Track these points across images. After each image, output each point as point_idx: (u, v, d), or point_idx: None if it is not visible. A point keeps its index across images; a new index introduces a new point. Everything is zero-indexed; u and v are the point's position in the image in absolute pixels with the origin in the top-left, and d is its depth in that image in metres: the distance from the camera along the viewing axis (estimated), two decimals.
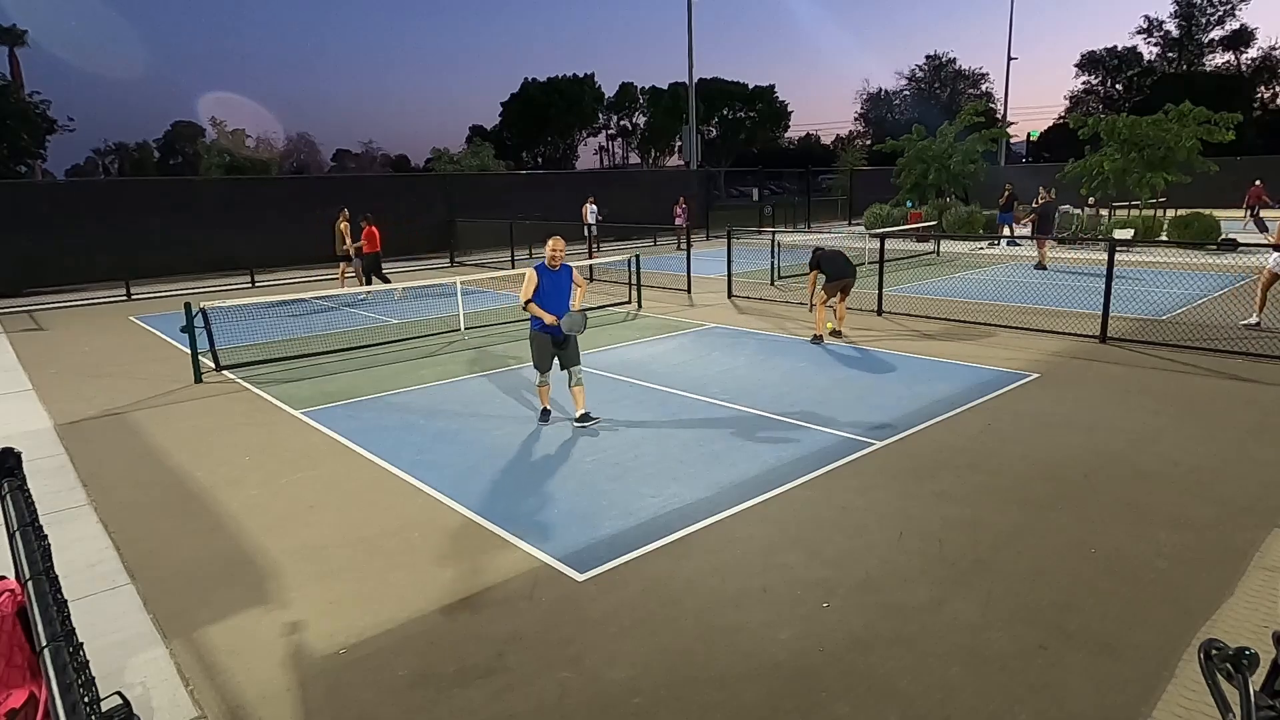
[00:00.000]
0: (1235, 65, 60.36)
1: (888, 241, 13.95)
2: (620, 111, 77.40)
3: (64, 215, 18.42)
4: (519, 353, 10.42)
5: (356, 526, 5.26)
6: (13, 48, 40.23)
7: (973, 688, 3.45)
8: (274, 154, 47.40)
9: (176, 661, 3.83)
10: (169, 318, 13.85)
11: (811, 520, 5.13)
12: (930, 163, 25.69)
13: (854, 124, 78.99)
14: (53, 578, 1.53)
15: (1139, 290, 13.61)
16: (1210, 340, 9.74)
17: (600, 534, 5.01)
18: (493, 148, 45.01)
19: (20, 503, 1.74)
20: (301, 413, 7.94)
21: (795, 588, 4.32)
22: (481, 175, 33.43)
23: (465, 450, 6.69)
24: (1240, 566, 4.38)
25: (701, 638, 3.89)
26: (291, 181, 31.55)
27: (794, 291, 14.96)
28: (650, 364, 9.46)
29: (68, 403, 8.63)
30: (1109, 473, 5.77)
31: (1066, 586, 4.24)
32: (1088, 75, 67.38)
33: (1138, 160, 21.06)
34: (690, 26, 31.84)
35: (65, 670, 1.23)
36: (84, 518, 5.56)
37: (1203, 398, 7.59)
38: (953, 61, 73.20)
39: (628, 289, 14.34)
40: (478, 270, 20.28)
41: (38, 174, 40.37)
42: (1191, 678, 3.44)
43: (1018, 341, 10.16)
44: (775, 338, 11.01)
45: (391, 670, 3.71)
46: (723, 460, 6.20)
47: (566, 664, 3.71)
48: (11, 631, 1.70)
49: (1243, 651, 1.16)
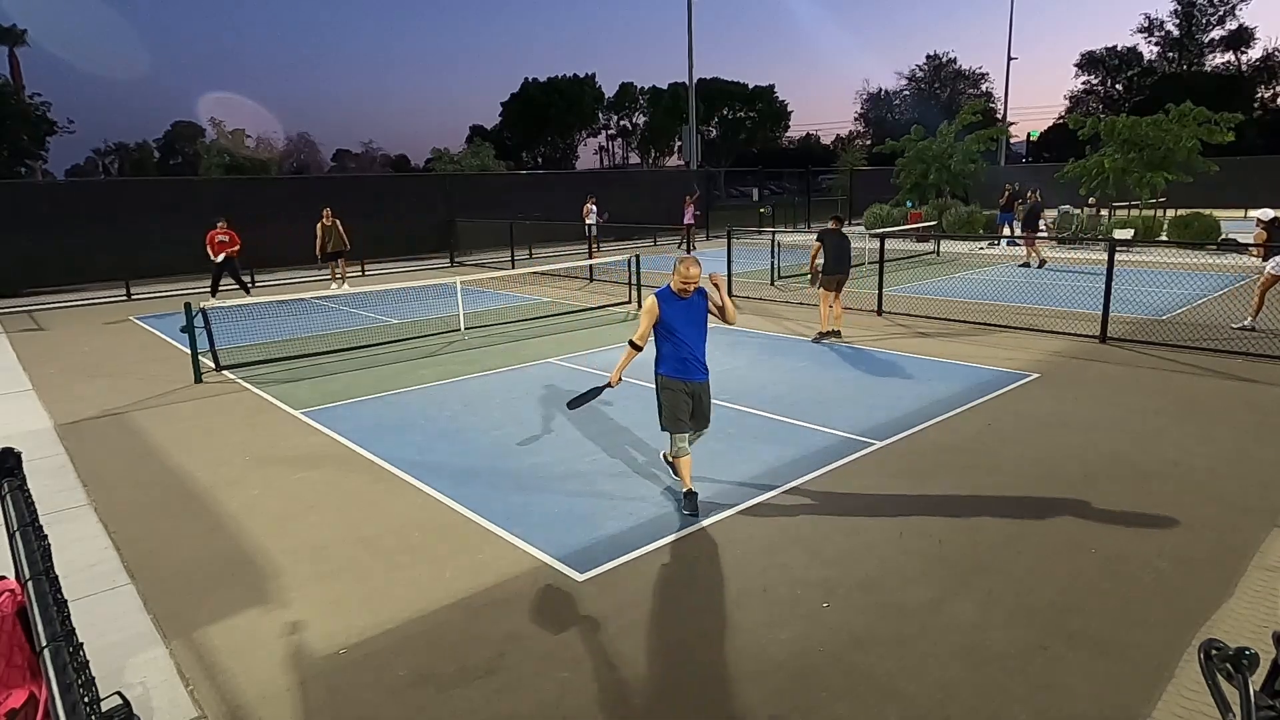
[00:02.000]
0: (1235, 65, 60.37)
1: (888, 241, 13.95)
2: (620, 111, 77.41)
3: (64, 215, 18.41)
4: (519, 353, 10.43)
5: (356, 526, 5.26)
6: (13, 48, 40.22)
7: (973, 688, 3.45)
8: (274, 154, 47.42)
9: (176, 661, 3.82)
10: (169, 318, 13.86)
11: (811, 520, 5.13)
12: (930, 163, 25.69)
13: (854, 124, 79.11)
14: (53, 578, 1.53)
15: (1138, 291, 13.60)
16: (1210, 340, 9.74)
17: (600, 534, 5.01)
18: (493, 148, 45.03)
19: (20, 503, 1.74)
20: (301, 413, 7.94)
21: (795, 588, 4.31)
22: (481, 175, 33.44)
23: (465, 450, 6.69)
24: (1240, 566, 4.38)
25: (701, 638, 3.89)
26: (291, 181, 31.57)
27: (794, 291, 14.97)
28: (650, 364, 9.43)
29: (68, 403, 8.63)
30: (1109, 473, 5.77)
31: (1066, 586, 4.24)
32: (1088, 75, 67.43)
33: (1137, 160, 21.07)
34: (690, 26, 31.82)
35: (65, 670, 1.23)
36: (84, 518, 5.56)
37: (1203, 398, 7.59)
38: (953, 61, 73.33)
39: (628, 289, 14.34)
40: (478, 270, 20.28)
41: (38, 174, 40.36)
42: (1191, 678, 3.44)
43: (1018, 341, 10.16)
44: (775, 338, 11.01)
45: (391, 670, 3.71)
46: (723, 460, 6.20)
47: (566, 664, 3.71)
48: (11, 631, 1.70)
49: (1243, 651, 1.16)
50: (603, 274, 17.33)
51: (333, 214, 17.36)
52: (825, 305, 10.56)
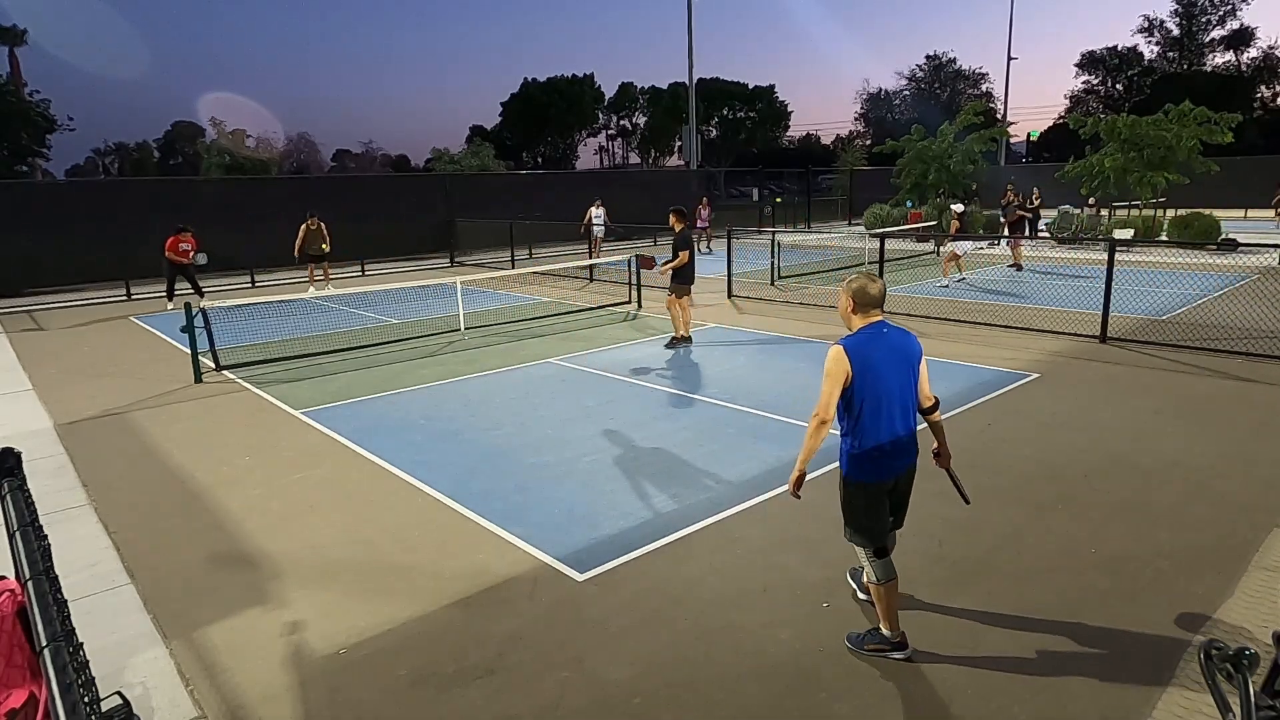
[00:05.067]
0: (1236, 65, 60.38)
1: (888, 241, 13.95)
2: (620, 111, 77.44)
3: (64, 215, 18.40)
4: (519, 353, 10.43)
5: (356, 526, 5.26)
6: (13, 48, 40.23)
7: (973, 688, 3.45)
8: (274, 154, 47.37)
9: (176, 661, 3.82)
10: (169, 317, 13.85)
11: (811, 520, 5.13)
12: (930, 163, 25.70)
13: (854, 124, 79.08)
14: (53, 578, 1.53)
15: (1138, 291, 13.60)
16: (1210, 340, 9.74)
17: (600, 534, 5.01)
18: (493, 148, 45.03)
19: (20, 503, 1.75)
20: (301, 413, 7.94)
21: (795, 588, 4.31)
22: (481, 175, 33.43)
23: (465, 450, 6.69)
24: (1240, 566, 4.38)
25: (702, 638, 3.89)
26: (291, 181, 31.54)
27: (794, 291, 14.96)
28: (650, 364, 9.45)
29: (68, 403, 8.63)
30: (1109, 473, 5.77)
31: (1066, 586, 4.24)
32: (1088, 75, 67.48)
33: (1138, 160, 21.07)
34: (690, 26, 31.83)
35: (65, 670, 1.23)
36: (84, 518, 5.56)
37: (1203, 398, 7.59)
38: (953, 61, 73.33)
39: (628, 289, 14.34)
40: (478, 270, 20.28)
41: (38, 174, 40.36)
42: (1191, 678, 3.44)
43: (1018, 341, 10.16)
44: (775, 338, 11.01)
45: (391, 670, 3.71)
46: (723, 460, 6.20)
47: (566, 664, 3.71)
48: (11, 631, 1.70)
49: (1243, 651, 1.16)
50: (603, 274, 17.32)
51: (318, 219, 17.21)
52: (683, 308, 10.55)
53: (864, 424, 3.47)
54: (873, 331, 3.51)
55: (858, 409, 3.46)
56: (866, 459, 3.51)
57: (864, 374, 3.42)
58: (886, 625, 3.65)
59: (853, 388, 3.44)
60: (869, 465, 3.51)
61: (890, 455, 3.52)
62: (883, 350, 3.48)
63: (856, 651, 3.69)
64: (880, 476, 3.55)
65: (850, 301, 3.56)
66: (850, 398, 3.46)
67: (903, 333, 3.61)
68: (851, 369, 3.42)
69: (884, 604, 3.63)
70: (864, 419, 3.46)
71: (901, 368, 3.51)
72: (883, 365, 3.46)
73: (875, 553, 3.61)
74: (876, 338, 3.50)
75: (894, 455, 3.53)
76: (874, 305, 3.54)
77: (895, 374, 3.48)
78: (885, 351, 3.48)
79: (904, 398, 3.53)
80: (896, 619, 3.66)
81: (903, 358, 3.53)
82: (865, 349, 3.45)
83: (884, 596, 3.62)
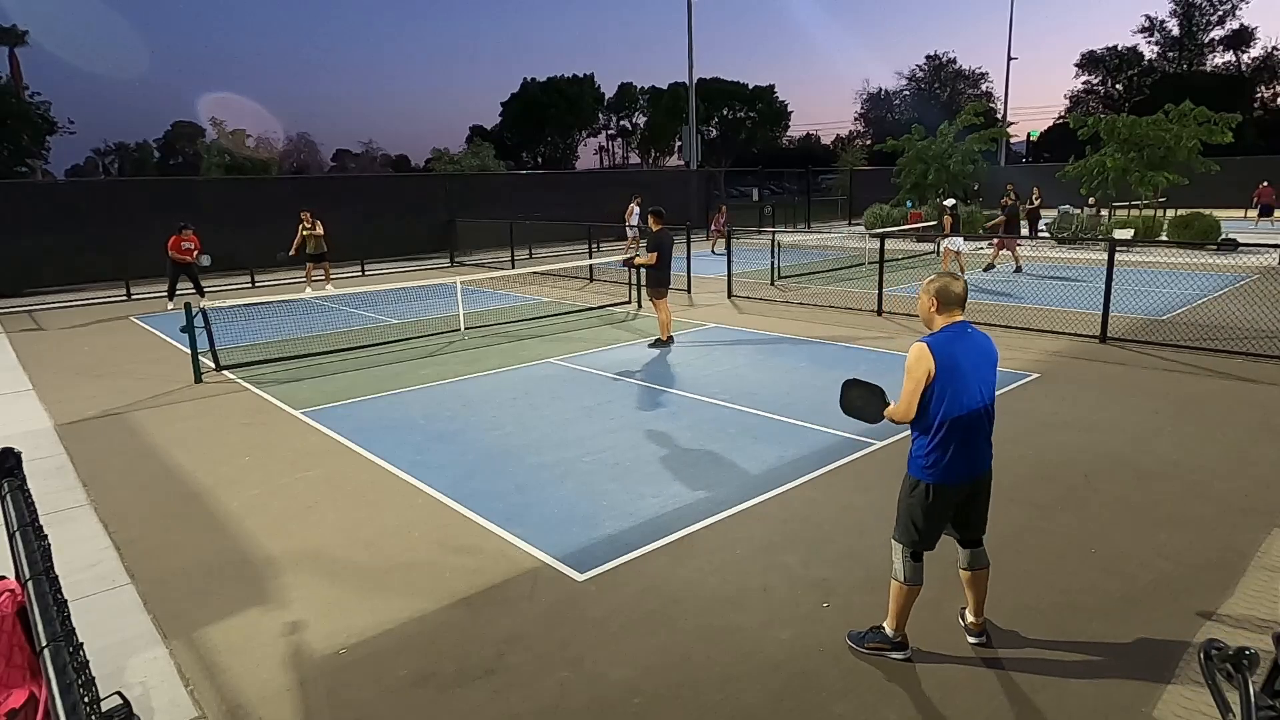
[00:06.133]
0: (1235, 65, 60.39)
1: (888, 241, 13.95)
2: (620, 112, 77.48)
3: (64, 215, 18.42)
4: (519, 353, 10.43)
5: (356, 526, 5.26)
6: (13, 48, 40.21)
7: (973, 688, 3.45)
8: (274, 154, 47.29)
9: (176, 661, 3.82)
10: (169, 317, 13.85)
11: (811, 520, 5.13)
12: (930, 163, 25.72)
13: (854, 124, 79.13)
14: (53, 578, 1.53)
15: (1136, 291, 13.60)
16: (1210, 340, 9.74)
17: (600, 534, 5.01)
18: (493, 148, 45.02)
19: (20, 503, 1.75)
20: (301, 413, 7.94)
21: (795, 588, 4.31)
22: (481, 175, 33.44)
23: (465, 450, 6.69)
24: (1240, 566, 4.38)
25: (702, 638, 3.89)
26: (291, 181, 31.53)
27: (794, 291, 14.96)
28: (650, 364, 9.46)
29: (68, 403, 8.63)
30: (1109, 473, 5.77)
31: (1066, 586, 4.24)
32: (1088, 75, 67.49)
33: (1138, 160, 21.06)
34: (690, 26, 31.85)
35: (65, 670, 1.23)
36: (84, 518, 5.56)
37: (1203, 398, 7.59)
38: (953, 61, 73.39)
39: (628, 289, 14.34)
40: (478, 270, 20.28)
41: (38, 174, 40.35)
42: (1191, 678, 3.44)
43: (1018, 341, 10.16)
44: (775, 338, 11.01)
45: (391, 670, 3.71)
46: (723, 460, 6.20)
47: (566, 664, 3.71)
48: (11, 631, 1.70)
49: (1243, 651, 1.16)
50: (602, 274, 17.33)
51: (313, 216, 17.00)
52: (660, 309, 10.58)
53: (943, 424, 3.37)
54: (957, 330, 3.44)
55: (937, 408, 3.37)
56: (943, 460, 3.41)
57: (947, 372, 3.34)
58: (891, 624, 3.65)
59: (933, 386, 3.36)
60: (946, 467, 3.42)
61: (969, 459, 3.44)
62: (967, 350, 3.40)
63: (857, 650, 3.70)
64: (956, 479, 3.45)
65: (934, 301, 3.48)
66: (930, 397, 3.38)
67: (985, 336, 3.53)
68: (935, 367, 3.34)
69: (898, 603, 3.61)
70: (943, 419, 3.37)
71: (983, 370, 3.44)
72: (966, 365, 3.38)
73: (913, 555, 3.58)
74: (961, 337, 3.42)
75: (974, 459, 3.46)
76: (956, 305, 3.46)
77: (977, 375, 3.41)
78: (969, 351, 3.41)
79: (985, 400, 3.45)
80: (904, 622, 3.65)
81: (985, 360, 3.46)
82: (950, 347, 3.38)
83: (901, 596, 3.60)
